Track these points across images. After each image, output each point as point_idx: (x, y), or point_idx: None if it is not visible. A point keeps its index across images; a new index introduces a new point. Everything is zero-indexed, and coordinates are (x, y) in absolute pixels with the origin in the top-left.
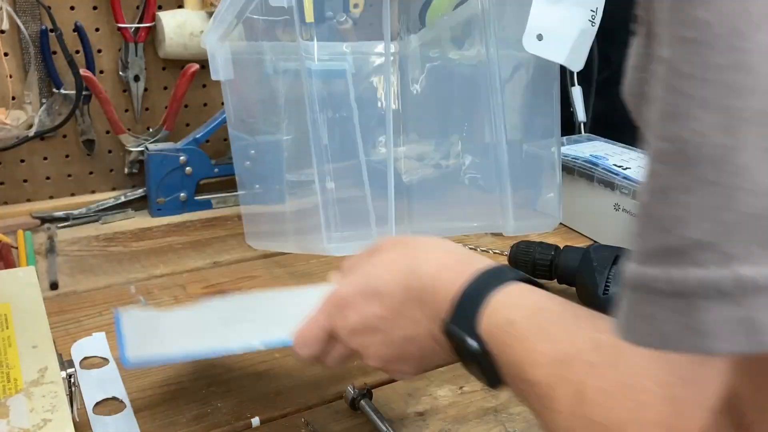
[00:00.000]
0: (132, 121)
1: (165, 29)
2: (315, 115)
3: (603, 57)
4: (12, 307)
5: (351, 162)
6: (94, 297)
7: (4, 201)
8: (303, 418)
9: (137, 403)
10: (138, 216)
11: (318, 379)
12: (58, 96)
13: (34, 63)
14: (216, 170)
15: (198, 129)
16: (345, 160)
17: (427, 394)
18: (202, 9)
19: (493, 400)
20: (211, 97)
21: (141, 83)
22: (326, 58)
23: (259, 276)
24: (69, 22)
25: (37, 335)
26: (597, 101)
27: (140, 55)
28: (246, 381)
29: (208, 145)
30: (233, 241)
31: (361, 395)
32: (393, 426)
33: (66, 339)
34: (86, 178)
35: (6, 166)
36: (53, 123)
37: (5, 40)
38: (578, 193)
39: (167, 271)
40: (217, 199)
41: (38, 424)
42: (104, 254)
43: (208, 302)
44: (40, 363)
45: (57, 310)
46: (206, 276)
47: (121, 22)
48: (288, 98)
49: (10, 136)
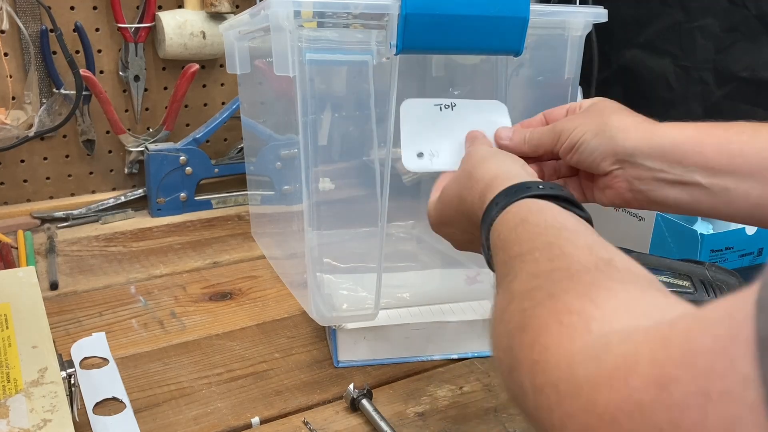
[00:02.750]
0: (132, 121)
1: (165, 29)
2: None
3: (603, 57)
4: (12, 307)
5: (353, 162)
6: (94, 297)
7: (4, 201)
8: (303, 418)
9: (137, 403)
10: (138, 216)
11: (318, 379)
12: (58, 96)
13: (34, 63)
14: (216, 170)
15: (198, 129)
16: (347, 160)
17: (427, 394)
18: (202, 9)
19: (493, 400)
20: (211, 97)
21: (141, 83)
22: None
23: (260, 276)
24: (69, 22)
25: (37, 335)
26: None
27: (140, 55)
28: (246, 381)
29: (208, 145)
30: (233, 241)
31: (361, 395)
32: (393, 426)
33: (66, 339)
34: (86, 178)
35: (6, 166)
36: (53, 123)
37: (5, 40)
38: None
39: (167, 271)
40: (217, 199)
41: (38, 425)
42: (104, 254)
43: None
44: (40, 363)
45: (57, 310)
46: (206, 276)
47: (121, 22)
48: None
49: (10, 136)
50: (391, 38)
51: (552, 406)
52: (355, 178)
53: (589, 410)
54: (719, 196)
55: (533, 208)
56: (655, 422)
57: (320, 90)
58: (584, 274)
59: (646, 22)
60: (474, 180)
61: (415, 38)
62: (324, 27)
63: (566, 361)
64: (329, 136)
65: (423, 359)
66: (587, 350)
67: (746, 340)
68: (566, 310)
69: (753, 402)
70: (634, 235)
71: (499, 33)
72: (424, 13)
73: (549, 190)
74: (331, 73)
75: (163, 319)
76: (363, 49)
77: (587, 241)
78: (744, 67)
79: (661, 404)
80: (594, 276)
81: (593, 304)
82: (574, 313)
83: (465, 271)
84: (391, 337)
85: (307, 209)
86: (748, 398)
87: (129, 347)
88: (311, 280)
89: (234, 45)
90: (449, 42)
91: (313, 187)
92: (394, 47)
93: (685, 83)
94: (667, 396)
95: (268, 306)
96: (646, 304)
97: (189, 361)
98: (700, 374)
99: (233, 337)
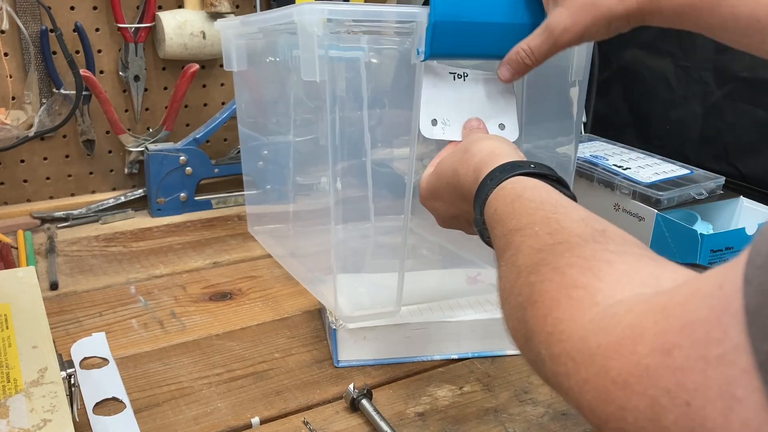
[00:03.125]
0: (132, 121)
1: (165, 29)
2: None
3: (603, 57)
4: (12, 307)
5: (355, 162)
6: (94, 297)
7: (4, 201)
8: (303, 418)
9: (137, 403)
10: (138, 216)
11: (318, 379)
12: (58, 96)
13: (34, 63)
14: (216, 170)
15: (198, 129)
16: (351, 159)
17: (427, 394)
18: (202, 9)
19: (493, 400)
20: (211, 97)
21: (141, 83)
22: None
23: (260, 276)
24: (69, 23)
25: (37, 335)
26: (597, 101)
27: (140, 55)
28: (246, 381)
29: (208, 145)
30: (233, 241)
31: (361, 395)
32: (393, 426)
33: (66, 339)
34: (86, 178)
35: (6, 166)
36: (53, 123)
37: (5, 40)
38: (578, 193)
39: (167, 271)
40: (217, 199)
41: (38, 425)
42: (104, 254)
43: None
44: (40, 363)
45: (57, 310)
46: (206, 276)
47: (121, 22)
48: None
49: (10, 136)
50: (419, 45)
51: (569, 373)
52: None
53: (603, 376)
54: None
55: (528, 185)
56: (662, 384)
57: (343, 90)
58: (584, 246)
59: None
60: (470, 154)
61: (442, 45)
62: (354, 33)
63: (579, 333)
64: (346, 134)
65: (423, 359)
66: (597, 321)
67: (736, 311)
68: (573, 285)
69: (746, 366)
70: (634, 235)
71: (520, 39)
72: (451, 21)
73: (541, 170)
74: (356, 75)
75: (163, 319)
76: (390, 53)
77: (581, 215)
78: (744, 67)
79: (666, 368)
80: (593, 248)
81: (596, 277)
82: (581, 288)
83: (465, 271)
84: (391, 337)
85: (333, 206)
86: (741, 363)
87: (129, 347)
88: (337, 278)
89: (231, 42)
90: (473, 48)
91: (335, 186)
92: (422, 54)
93: (685, 83)
94: (671, 361)
95: (268, 306)
96: (643, 273)
97: (189, 361)
98: (699, 342)
99: (233, 337)
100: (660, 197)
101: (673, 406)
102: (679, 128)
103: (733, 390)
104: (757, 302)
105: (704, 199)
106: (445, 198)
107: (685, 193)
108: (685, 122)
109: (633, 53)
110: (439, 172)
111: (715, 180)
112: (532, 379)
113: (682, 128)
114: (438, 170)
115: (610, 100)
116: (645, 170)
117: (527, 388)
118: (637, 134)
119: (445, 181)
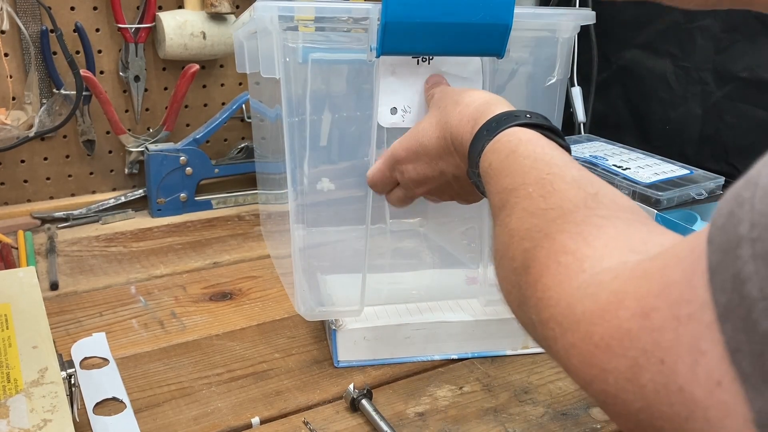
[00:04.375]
0: (132, 121)
1: (165, 30)
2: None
3: (602, 57)
4: (12, 308)
5: (352, 162)
6: (94, 297)
7: (5, 201)
8: (303, 418)
9: (137, 403)
10: (138, 216)
11: (318, 379)
12: (58, 96)
13: (34, 63)
14: (216, 170)
15: (198, 129)
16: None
17: (427, 394)
18: (203, 9)
19: (493, 400)
20: (211, 97)
21: (141, 84)
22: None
23: (260, 276)
24: (69, 23)
25: (37, 335)
26: (597, 101)
27: (140, 55)
28: (246, 381)
29: (208, 145)
30: (233, 242)
31: (361, 395)
32: (393, 426)
33: (66, 339)
34: (86, 178)
35: (6, 166)
36: (53, 123)
37: (5, 41)
38: None
39: (167, 271)
40: (217, 199)
41: (38, 425)
42: (104, 254)
43: None
44: (40, 363)
45: (57, 311)
46: (206, 276)
47: (121, 22)
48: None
49: (10, 136)
50: (372, 42)
51: (556, 337)
52: (352, 177)
53: (587, 341)
54: None
55: (523, 138)
56: (641, 345)
57: (317, 90)
58: (575, 212)
59: (646, 22)
60: (463, 105)
61: (396, 43)
62: (322, 30)
63: (566, 300)
64: (329, 136)
65: (423, 359)
66: (583, 288)
67: (703, 270)
68: (562, 251)
69: (709, 321)
70: None
71: (481, 38)
72: (403, 21)
73: (536, 119)
74: (327, 73)
75: (163, 320)
76: (350, 49)
77: (574, 175)
78: (744, 67)
79: (645, 330)
80: (584, 213)
81: (585, 242)
82: (569, 253)
83: (465, 271)
84: (391, 337)
85: (293, 208)
86: (705, 318)
87: (129, 347)
88: (297, 276)
89: (243, 44)
90: (430, 46)
91: (301, 187)
92: (374, 50)
93: (684, 83)
94: (650, 323)
95: (268, 306)
96: (632, 239)
97: (189, 361)
98: (674, 302)
99: (233, 338)
100: (660, 197)
101: (649, 364)
102: (679, 128)
103: (698, 344)
104: (716, 259)
105: (704, 200)
106: (422, 157)
107: (685, 194)
108: (685, 122)
109: (632, 53)
110: (419, 131)
111: (714, 180)
112: (532, 379)
113: (682, 128)
114: (417, 129)
115: (609, 101)
116: (645, 170)
117: (527, 388)
118: (637, 134)
119: (428, 137)
